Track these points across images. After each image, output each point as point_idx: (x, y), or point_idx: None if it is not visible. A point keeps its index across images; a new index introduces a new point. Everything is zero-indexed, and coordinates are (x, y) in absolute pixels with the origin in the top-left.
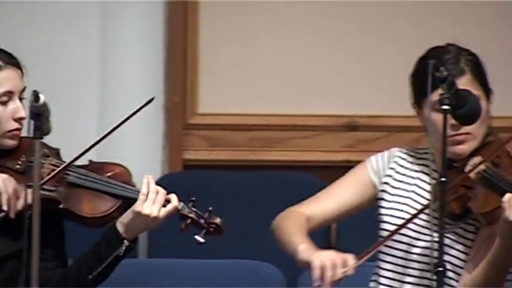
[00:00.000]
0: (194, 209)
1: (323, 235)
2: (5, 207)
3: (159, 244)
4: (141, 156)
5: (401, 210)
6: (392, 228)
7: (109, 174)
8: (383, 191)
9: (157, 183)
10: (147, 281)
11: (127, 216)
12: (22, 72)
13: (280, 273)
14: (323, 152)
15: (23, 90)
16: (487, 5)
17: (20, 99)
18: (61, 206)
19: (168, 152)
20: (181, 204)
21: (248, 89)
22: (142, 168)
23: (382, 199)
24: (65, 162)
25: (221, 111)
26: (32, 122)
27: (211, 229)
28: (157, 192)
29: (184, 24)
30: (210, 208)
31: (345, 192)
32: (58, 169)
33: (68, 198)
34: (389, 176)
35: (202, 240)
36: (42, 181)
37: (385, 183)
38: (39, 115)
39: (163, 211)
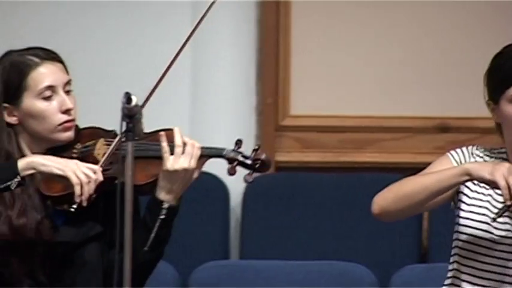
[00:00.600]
0: (239, 151)
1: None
2: (77, 199)
3: (250, 246)
4: None
5: (481, 207)
6: (471, 223)
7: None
8: (464, 185)
9: (250, 185)
10: (239, 283)
11: (160, 178)
12: (64, 65)
13: (371, 274)
14: (414, 154)
15: (68, 82)
16: None
17: (67, 92)
18: (116, 182)
19: None
20: (225, 149)
21: (340, 90)
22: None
23: (462, 193)
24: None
25: (313, 112)
26: (124, 123)
27: (257, 165)
28: (184, 145)
29: (277, 25)
30: (256, 147)
31: None
32: (111, 147)
33: (123, 172)
34: None
35: (251, 179)
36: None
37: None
38: (131, 117)
39: (193, 161)
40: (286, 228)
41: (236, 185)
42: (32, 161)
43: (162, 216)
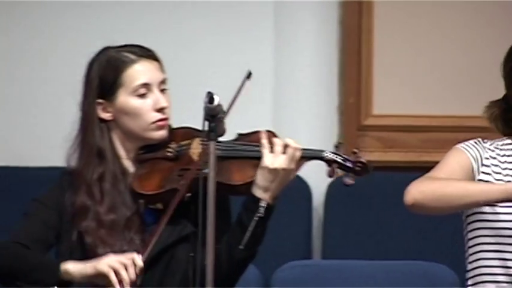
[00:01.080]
0: (338, 152)
1: None
2: (118, 287)
3: (332, 245)
4: None
5: None
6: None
7: (254, 140)
8: (480, 180)
9: (333, 183)
10: (321, 282)
11: (258, 176)
12: (160, 63)
13: (453, 274)
14: None
15: (163, 81)
16: None
17: (162, 90)
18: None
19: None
20: (325, 151)
21: (422, 89)
22: (317, 169)
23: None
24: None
25: (395, 112)
26: (207, 123)
27: (358, 168)
28: (285, 145)
29: (359, 25)
30: (355, 150)
31: (460, 177)
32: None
33: (219, 172)
34: (487, 165)
35: (351, 181)
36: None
37: (483, 172)
38: (214, 116)
39: (293, 162)
40: (368, 228)
41: (318, 184)
42: (66, 270)
43: (259, 215)
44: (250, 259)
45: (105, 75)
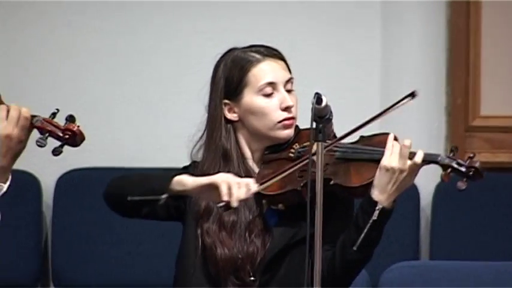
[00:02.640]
0: (453, 157)
1: None
2: (225, 198)
3: (440, 246)
4: None
5: None
6: None
7: (376, 142)
8: None
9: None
10: (428, 283)
11: (376, 177)
12: (286, 63)
13: None
14: None
15: (289, 81)
16: None
17: (288, 91)
18: (331, 183)
19: None
20: (440, 155)
21: None
22: (425, 170)
23: None
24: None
25: (503, 113)
26: (315, 124)
27: (471, 173)
28: (402, 146)
29: (467, 26)
30: (471, 155)
31: None
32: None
33: (337, 174)
34: None
35: (464, 186)
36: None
37: None
38: (322, 117)
39: (407, 163)
40: (475, 229)
41: (426, 185)
42: (181, 179)
43: (374, 218)
44: (364, 261)
45: (231, 75)
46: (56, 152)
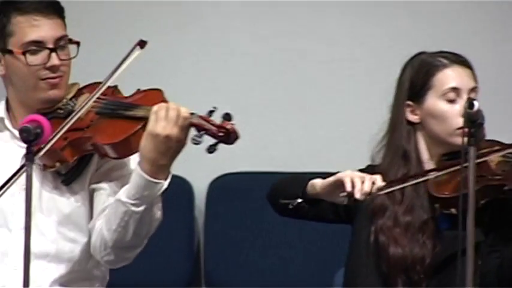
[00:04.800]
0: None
1: None
2: (348, 189)
3: None
4: None
5: None
6: None
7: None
8: None
9: None
10: None
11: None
12: (472, 71)
13: None
14: None
15: (473, 89)
16: None
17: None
18: (505, 188)
19: None
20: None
21: None
22: None
23: None
24: None
25: None
26: (467, 129)
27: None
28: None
29: None
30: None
31: None
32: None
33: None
34: None
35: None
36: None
37: None
38: (473, 122)
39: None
40: None
41: None
42: (313, 182)
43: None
44: None
45: (416, 78)
46: (211, 149)
